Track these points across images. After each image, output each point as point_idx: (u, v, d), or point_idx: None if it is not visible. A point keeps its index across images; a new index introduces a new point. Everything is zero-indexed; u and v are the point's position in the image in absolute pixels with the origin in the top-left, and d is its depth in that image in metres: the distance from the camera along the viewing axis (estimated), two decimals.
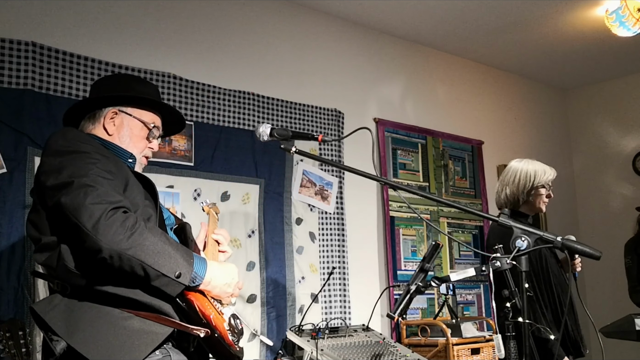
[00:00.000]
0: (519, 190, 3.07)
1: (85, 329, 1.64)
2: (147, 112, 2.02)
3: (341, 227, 4.24)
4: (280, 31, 4.25)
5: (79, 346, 1.61)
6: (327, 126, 4.32)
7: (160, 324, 1.67)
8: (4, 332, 2.53)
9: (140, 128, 2.00)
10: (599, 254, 1.81)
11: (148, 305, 1.67)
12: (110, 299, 1.67)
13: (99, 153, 1.78)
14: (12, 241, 2.90)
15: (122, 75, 2.10)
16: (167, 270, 1.63)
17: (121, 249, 1.58)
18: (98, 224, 1.58)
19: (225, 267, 1.84)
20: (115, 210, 1.62)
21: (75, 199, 1.61)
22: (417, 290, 2.17)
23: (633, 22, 4.24)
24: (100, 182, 1.66)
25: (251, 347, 3.64)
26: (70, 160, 1.71)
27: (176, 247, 1.68)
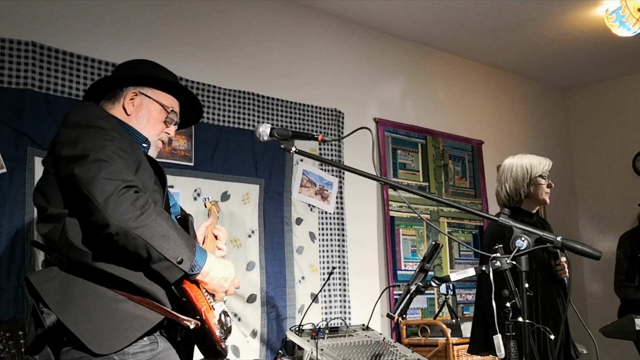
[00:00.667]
0: (519, 184, 3.06)
1: (77, 305, 1.64)
2: (167, 95, 2.03)
3: (341, 227, 4.24)
4: (280, 31, 4.25)
5: (69, 322, 1.62)
6: (327, 126, 4.32)
7: (152, 310, 1.67)
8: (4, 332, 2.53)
9: (159, 111, 2.00)
10: (599, 254, 1.81)
11: (142, 289, 1.67)
12: (106, 278, 1.67)
13: (116, 131, 1.79)
14: (12, 241, 2.90)
15: (145, 60, 2.12)
16: (169, 254, 1.63)
17: (129, 227, 1.58)
18: (109, 200, 1.58)
19: (223, 262, 1.85)
20: (128, 189, 1.62)
21: (89, 171, 1.62)
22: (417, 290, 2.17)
23: (633, 22, 4.24)
24: (115, 159, 1.67)
25: (251, 347, 3.65)
26: (88, 134, 1.72)
27: (181, 234, 1.69)
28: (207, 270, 1.74)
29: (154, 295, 1.68)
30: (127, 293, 1.66)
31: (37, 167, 3.02)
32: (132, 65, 2.08)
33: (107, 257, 1.66)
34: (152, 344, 1.70)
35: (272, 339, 3.72)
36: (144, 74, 2.00)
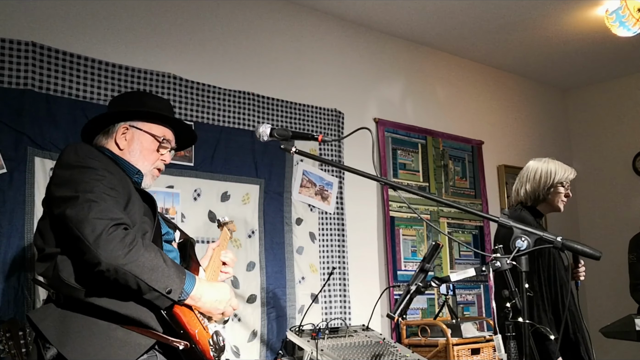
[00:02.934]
0: (540, 187, 3.10)
1: (74, 338, 1.74)
2: (158, 125, 2.10)
3: (341, 227, 4.24)
4: (280, 31, 4.25)
5: (69, 354, 1.72)
6: (327, 126, 4.32)
7: (144, 336, 1.76)
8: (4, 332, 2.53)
9: (151, 141, 2.08)
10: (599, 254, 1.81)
11: (132, 318, 1.76)
12: (98, 311, 1.76)
13: (106, 170, 1.87)
14: (12, 241, 2.90)
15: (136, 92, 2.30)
16: (158, 286, 1.73)
17: (118, 264, 1.69)
18: (99, 239, 1.68)
19: (216, 285, 1.93)
20: (117, 227, 1.72)
21: (80, 212, 1.72)
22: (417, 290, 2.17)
23: (633, 22, 4.24)
24: (104, 198, 1.77)
25: (251, 347, 3.65)
26: (79, 174, 1.81)
27: (170, 264, 1.78)
28: (197, 296, 1.83)
29: (145, 322, 1.77)
30: (118, 322, 1.76)
31: (37, 167, 3.02)
32: (124, 99, 2.18)
33: (98, 291, 1.76)
34: (150, 356, 1.78)
35: (272, 339, 3.72)
36: (133, 108, 2.07)
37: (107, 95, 3.31)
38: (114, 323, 1.75)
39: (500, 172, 5.57)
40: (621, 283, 4.75)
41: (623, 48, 5.33)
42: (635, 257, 4.45)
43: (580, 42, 5.25)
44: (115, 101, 2.19)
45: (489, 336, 4.10)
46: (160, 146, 2.10)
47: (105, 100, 3.27)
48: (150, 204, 1.99)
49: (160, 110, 2.11)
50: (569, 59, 5.64)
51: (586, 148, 6.33)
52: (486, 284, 5.11)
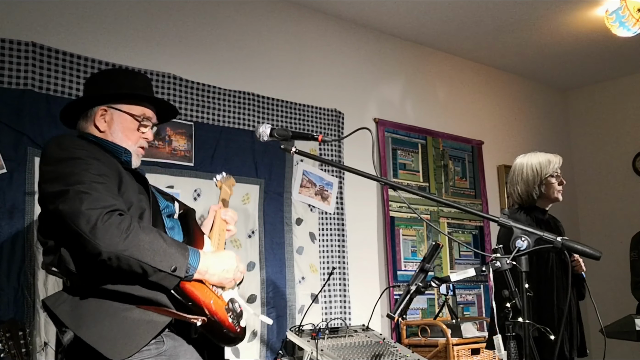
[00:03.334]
0: (530, 186, 3.11)
1: (89, 320, 1.74)
2: (136, 105, 2.07)
3: (341, 228, 4.24)
4: (280, 31, 4.25)
5: (84, 335, 1.72)
6: (327, 126, 4.32)
7: (159, 314, 1.75)
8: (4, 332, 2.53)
9: (131, 121, 2.06)
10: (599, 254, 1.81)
11: (145, 298, 1.75)
12: (111, 294, 1.76)
13: (92, 157, 1.85)
14: (12, 241, 2.90)
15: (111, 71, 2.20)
16: (163, 265, 1.72)
17: (118, 250, 1.68)
18: (95, 229, 1.68)
19: (221, 255, 1.93)
20: (111, 214, 1.71)
21: (73, 206, 1.71)
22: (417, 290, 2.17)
23: (633, 22, 4.24)
24: (95, 187, 1.75)
25: (251, 347, 3.64)
26: (66, 167, 1.80)
27: (170, 243, 1.78)
28: (204, 269, 1.83)
29: (158, 300, 1.76)
30: (132, 303, 1.76)
31: (37, 167, 3.01)
32: (99, 80, 2.13)
33: (106, 277, 1.76)
34: (157, 343, 1.76)
35: (272, 339, 3.72)
36: (109, 90, 2.04)
37: None
38: (128, 304, 1.75)
39: (500, 172, 5.57)
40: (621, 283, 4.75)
41: (623, 48, 5.33)
42: (637, 254, 4.44)
43: (580, 42, 5.25)
44: (91, 83, 2.14)
45: None
46: (140, 125, 2.07)
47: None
48: (142, 182, 1.99)
49: (137, 89, 2.08)
50: (569, 59, 5.64)
51: (586, 148, 6.33)
52: (486, 284, 5.11)
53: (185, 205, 2.22)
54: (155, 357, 1.75)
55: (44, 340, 2.90)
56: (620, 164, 6.02)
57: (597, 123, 6.28)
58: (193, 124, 3.64)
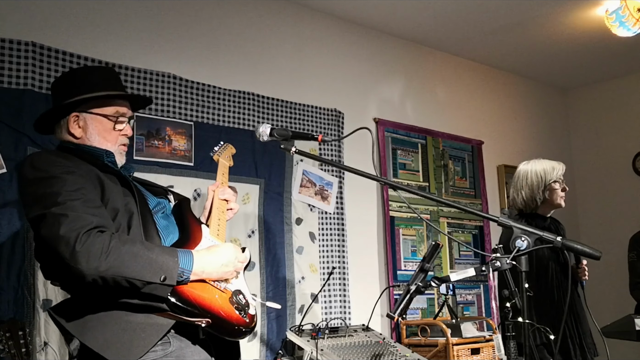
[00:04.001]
0: (534, 192, 3.16)
1: (94, 326, 1.73)
2: (108, 105, 2.01)
3: (341, 227, 4.24)
4: (280, 31, 4.25)
5: (90, 342, 1.70)
6: (327, 126, 4.32)
7: (162, 317, 1.74)
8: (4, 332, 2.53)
9: (105, 122, 2.00)
10: (599, 254, 1.81)
11: (144, 306, 1.73)
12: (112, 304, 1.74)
13: (65, 172, 1.79)
14: (12, 241, 2.90)
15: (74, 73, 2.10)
16: (151, 277, 1.68)
17: (100, 271, 1.65)
18: (75, 253, 1.64)
19: (217, 250, 1.87)
20: (89, 233, 1.67)
21: (51, 231, 1.69)
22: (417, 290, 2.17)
23: (633, 22, 4.24)
24: (72, 207, 1.71)
25: (251, 347, 3.64)
26: (42, 188, 1.76)
27: (158, 252, 1.73)
28: (200, 270, 1.79)
29: (158, 307, 1.73)
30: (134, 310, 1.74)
31: None
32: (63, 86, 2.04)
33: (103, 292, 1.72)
34: (163, 344, 1.75)
35: (272, 339, 3.72)
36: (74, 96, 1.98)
37: None
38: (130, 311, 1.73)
39: (500, 172, 5.57)
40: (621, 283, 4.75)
41: (623, 48, 5.33)
42: (635, 255, 4.45)
43: (580, 42, 5.25)
44: (57, 89, 2.05)
45: (488, 336, 4.10)
46: (116, 123, 2.01)
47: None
48: (127, 184, 1.92)
49: (104, 86, 2.01)
50: (569, 59, 5.64)
51: (586, 148, 6.33)
52: (486, 284, 5.11)
53: (178, 195, 2.17)
54: (162, 359, 1.73)
55: (44, 340, 2.90)
56: (620, 164, 6.02)
57: (597, 123, 6.28)
58: (193, 124, 3.64)
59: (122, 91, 2.08)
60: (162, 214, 2.01)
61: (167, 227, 1.97)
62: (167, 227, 1.97)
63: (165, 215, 2.03)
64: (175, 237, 1.96)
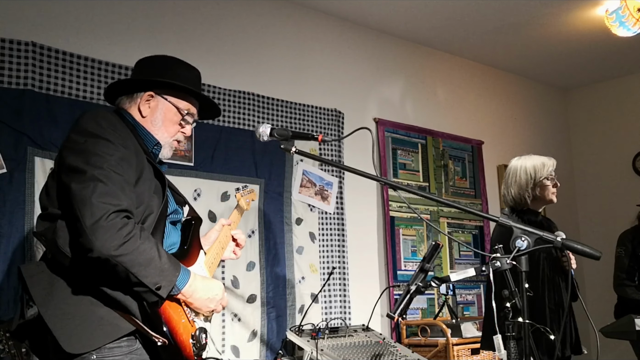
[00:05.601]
0: (523, 189, 3.13)
1: (57, 304, 1.72)
2: (183, 99, 2.04)
3: (341, 227, 4.24)
4: (280, 31, 4.25)
5: (48, 318, 1.70)
6: (327, 126, 4.32)
7: (124, 320, 1.74)
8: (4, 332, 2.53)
9: (174, 113, 2.03)
10: (599, 254, 1.81)
11: (116, 300, 1.73)
12: (85, 283, 1.74)
13: (121, 143, 1.81)
14: (12, 241, 2.90)
15: (167, 58, 2.11)
16: (148, 281, 1.69)
17: (111, 254, 1.65)
18: (96, 225, 1.64)
19: (210, 284, 1.91)
20: (117, 214, 1.67)
21: (84, 190, 1.67)
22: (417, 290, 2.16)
23: (633, 22, 4.24)
24: (112, 178, 1.71)
25: (251, 347, 3.65)
26: (93, 145, 1.76)
27: (165, 259, 1.75)
28: (189, 292, 1.82)
29: (128, 307, 1.74)
30: (102, 301, 1.73)
31: (37, 167, 3.02)
32: (153, 64, 2.07)
33: (87, 266, 1.72)
34: (129, 340, 1.76)
35: (272, 339, 3.72)
36: (162, 78, 2.00)
37: None
38: (98, 300, 1.73)
39: (500, 172, 5.57)
40: None
41: (623, 48, 5.33)
42: (623, 251, 4.47)
43: (580, 42, 5.25)
44: (144, 64, 2.08)
45: None
46: (182, 119, 2.04)
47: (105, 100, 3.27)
48: (161, 181, 1.94)
49: (188, 82, 2.04)
50: (569, 59, 5.64)
51: (586, 148, 6.34)
52: (486, 284, 5.10)
53: (195, 212, 2.18)
54: (127, 355, 1.74)
55: None
56: (620, 164, 6.03)
57: (597, 123, 6.28)
58: None
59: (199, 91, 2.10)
60: (172, 223, 2.03)
61: (171, 236, 2.00)
62: (171, 236, 2.00)
63: (175, 224, 2.05)
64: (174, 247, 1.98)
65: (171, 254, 1.87)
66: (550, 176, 3.13)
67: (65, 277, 1.75)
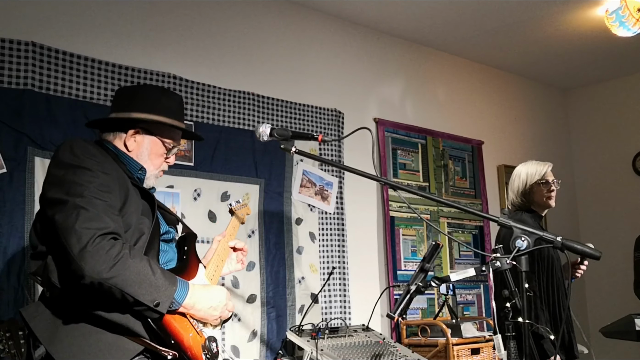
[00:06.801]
0: (517, 194, 3.22)
1: (64, 338, 1.72)
2: (168, 132, 2.06)
3: (341, 227, 4.24)
4: (280, 31, 4.25)
5: (57, 354, 1.70)
6: (327, 126, 4.32)
7: (132, 341, 1.73)
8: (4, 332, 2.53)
9: (160, 146, 2.04)
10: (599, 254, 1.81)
11: (119, 324, 1.73)
12: (86, 314, 1.74)
13: (100, 170, 1.81)
14: (12, 241, 2.90)
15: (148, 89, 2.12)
16: (145, 299, 1.69)
17: (102, 278, 1.65)
18: (84, 251, 1.64)
19: (212, 291, 1.90)
20: (103, 237, 1.67)
21: (68, 219, 1.68)
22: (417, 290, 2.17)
23: (633, 22, 4.24)
24: (94, 204, 1.71)
25: (251, 347, 3.65)
26: (72, 175, 1.76)
27: (159, 275, 1.74)
28: (190, 304, 1.81)
29: (131, 328, 1.73)
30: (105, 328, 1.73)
31: (37, 167, 3.02)
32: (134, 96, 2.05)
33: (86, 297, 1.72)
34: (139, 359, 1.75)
35: (272, 339, 3.72)
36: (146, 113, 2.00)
37: (107, 95, 3.31)
38: (102, 328, 1.73)
39: (500, 172, 5.57)
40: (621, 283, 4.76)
41: (623, 48, 5.33)
42: None
43: (580, 42, 5.25)
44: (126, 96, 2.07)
45: (488, 336, 4.10)
46: (168, 152, 2.07)
47: (106, 100, 3.27)
48: (150, 201, 1.94)
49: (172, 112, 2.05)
50: (569, 59, 5.64)
51: (586, 148, 6.34)
52: (486, 284, 5.11)
53: (189, 228, 2.18)
54: None
55: None
56: (620, 164, 6.03)
57: (597, 123, 6.28)
58: (193, 124, 3.64)
59: (183, 121, 2.11)
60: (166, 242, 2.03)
61: (167, 252, 2.00)
62: (167, 252, 2.00)
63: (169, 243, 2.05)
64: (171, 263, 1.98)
65: (168, 270, 1.86)
66: (543, 181, 3.15)
67: (66, 311, 1.75)
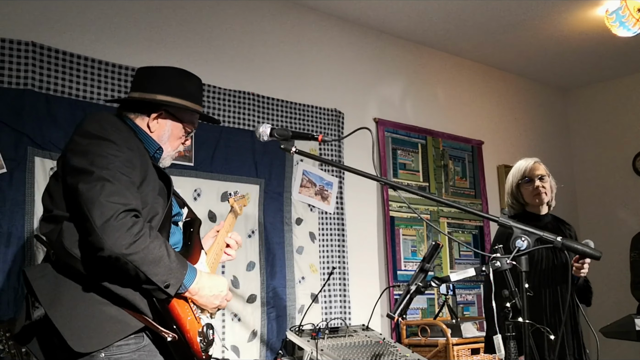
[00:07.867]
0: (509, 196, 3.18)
1: (64, 304, 1.73)
2: (190, 118, 2.10)
3: (341, 227, 4.24)
4: (280, 31, 4.25)
5: (55, 319, 1.71)
6: (327, 126, 4.32)
7: (133, 318, 1.75)
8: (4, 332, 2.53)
9: (180, 130, 2.08)
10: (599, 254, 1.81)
11: (124, 298, 1.75)
12: (93, 283, 1.75)
13: (125, 145, 1.83)
14: (12, 241, 2.90)
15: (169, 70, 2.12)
16: (157, 279, 1.72)
17: (122, 253, 1.67)
18: (107, 224, 1.66)
19: (215, 280, 1.93)
20: (127, 213, 1.69)
21: (92, 190, 1.69)
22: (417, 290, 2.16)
23: (633, 22, 4.24)
24: (119, 178, 1.73)
25: (251, 347, 3.65)
26: (97, 147, 1.78)
27: (173, 258, 1.77)
28: (195, 290, 1.84)
29: (136, 305, 1.75)
30: (110, 300, 1.75)
31: (37, 167, 3.02)
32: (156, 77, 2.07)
33: (97, 267, 1.73)
34: (136, 337, 1.77)
35: (272, 339, 3.72)
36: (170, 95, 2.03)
37: (107, 95, 3.31)
38: (106, 299, 1.74)
39: (500, 172, 5.57)
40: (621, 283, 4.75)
41: (623, 48, 5.33)
42: (637, 254, 4.44)
43: (580, 42, 5.25)
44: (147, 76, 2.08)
45: None
46: (187, 134, 2.11)
47: (106, 101, 3.27)
48: (166, 182, 1.97)
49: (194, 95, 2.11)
50: (569, 59, 5.64)
51: (586, 148, 6.33)
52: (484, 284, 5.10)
53: (193, 213, 2.20)
54: (135, 352, 1.76)
55: None
56: (620, 164, 6.02)
57: (597, 123, 6.28)
58: None
59: (202, 104, 2.16)
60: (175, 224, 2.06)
61: (174, 234, 2.02)
62: (174, 234, 2.02)
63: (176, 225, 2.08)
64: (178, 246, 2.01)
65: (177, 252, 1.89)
66: (525, 178, 3.09)
67: (72, 277, 1.76)
